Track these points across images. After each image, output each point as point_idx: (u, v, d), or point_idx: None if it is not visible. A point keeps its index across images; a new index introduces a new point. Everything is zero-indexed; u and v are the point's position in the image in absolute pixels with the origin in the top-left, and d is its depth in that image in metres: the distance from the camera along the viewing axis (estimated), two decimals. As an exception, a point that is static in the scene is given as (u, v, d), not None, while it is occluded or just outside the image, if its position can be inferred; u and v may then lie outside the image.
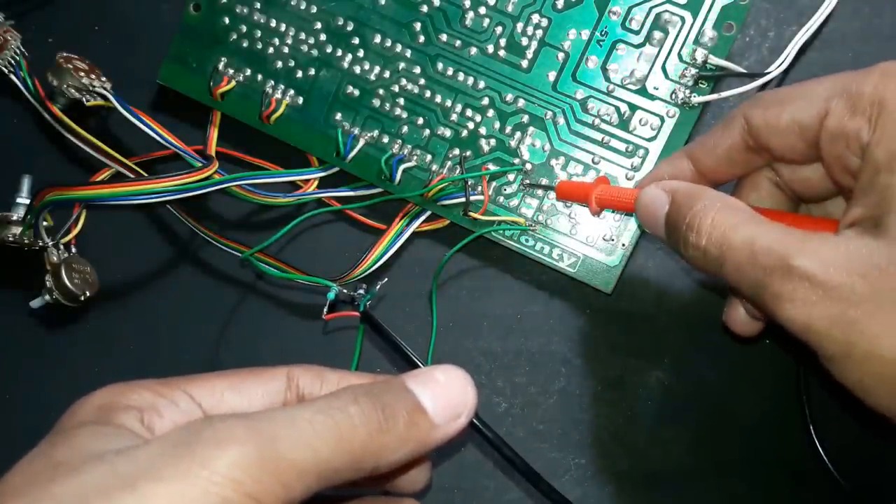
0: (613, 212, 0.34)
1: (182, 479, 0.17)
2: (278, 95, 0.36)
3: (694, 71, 0.33)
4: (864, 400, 0.23)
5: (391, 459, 0.20)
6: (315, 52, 0.36)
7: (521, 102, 0.34)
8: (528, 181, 0.34)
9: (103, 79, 0.36)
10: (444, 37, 0.35)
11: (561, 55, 0.34)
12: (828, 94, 0.25)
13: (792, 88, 0.27)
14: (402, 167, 0.35)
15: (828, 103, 0.25)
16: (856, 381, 0.23)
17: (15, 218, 0.35)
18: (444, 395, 0.21)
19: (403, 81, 0.35)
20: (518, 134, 0.34)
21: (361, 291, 0.30)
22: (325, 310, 0.31)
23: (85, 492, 0.17)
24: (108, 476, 0.17)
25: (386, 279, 0.34)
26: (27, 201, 0.36)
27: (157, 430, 0.21)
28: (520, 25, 0.34)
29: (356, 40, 0.35)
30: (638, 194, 0.29)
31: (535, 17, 0.34)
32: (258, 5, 0.36)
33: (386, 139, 0.35)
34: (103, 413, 0.21)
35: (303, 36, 0.36)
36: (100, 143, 0.35)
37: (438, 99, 0.35)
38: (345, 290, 0.31)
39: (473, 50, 0.35)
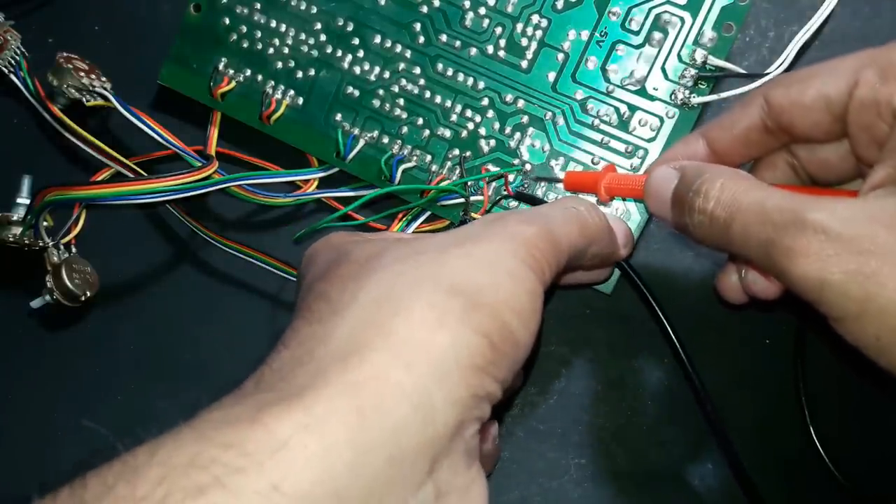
0: (623, 200, 0.34)
1: (498, 240, 0.24)
2: (278, 96, 0.36)
3: (693, 71, 0.33)
4: (878, 360, 0.22)
5: (601, 251, 0.28)
6: (315, 53, 0.36)
7: (520, 103, 0.34)
8: (536, 175, 0.34)
9: (103, 79, 0.36)
10: (443, 37, 0.35)
11: (560, 56, 0.34)
12: (856, 66, 0.25)
13: (814, 67, 0.27)
14: (401, 167, 0.35)
15: (857, 74, 0.25)
16: (871, 339, 0.22)
17: (15, 218, 0.35)
18: (618, 224, 0.31)
19: (403, 82, 0.35)
20: (518, 134, 0.34)
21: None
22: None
23: (430, 247, 0.24)
24: (445, 239, 0.24)
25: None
26: (27, 201, 0.36)
27: None
28: (519, 26, 0.34)
29: (356, 41, 0.35)
30: (648, 175, 0.29)
31: (535, 18, 0.34)
32: (258, 6, 0.36)
33: (386, 139, 0.35)
34: (349, 242, 0.26)
35: (303, 36, 0.36)
36: (100, 143, 0.35)
37: (438, 99, 0.35)
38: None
39: (473, 50, 0.35)
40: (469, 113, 0.35)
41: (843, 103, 0.25)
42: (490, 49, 0.34)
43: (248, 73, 0.36)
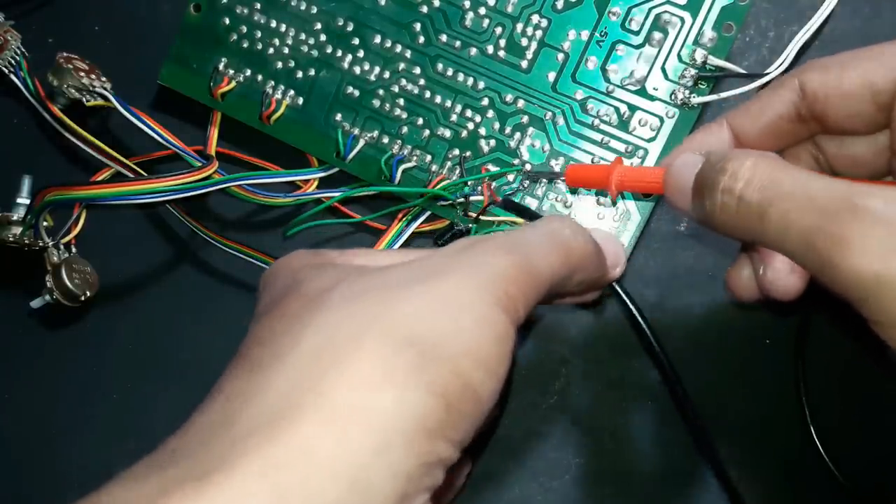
0: (623, 197, 0.33)
1: (466, 276, 0.21)
2: (278, 96, 0.36)
3: (693, 71, 0.33)
4: None
5: (587, 277, 0.25)
6: (315, 53, 0.36)
7: (520, 103, 0.34)
8: (531, 171, 0.34)
9: (103, 79, 0.36)
10: (443, 37, 0.35)
11: (560, 56, 0.34)
12: None
13: (856, 51, 0.25)
14: (401, 167, 0.35)
15: None
16: None
17: (15, 218, 0.35)
18: (608, 244, 0.27)
19: (403, 82, 0.35)
20: (518, 134, 0.34)
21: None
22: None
23: (388, 283, 0.21)
24: (406, 273, 0.21)
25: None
26: (27, 201, 0.36)
27: None
28: (519, 26, 0.34)
29: (356, 41, 0.35)
30: (670, 164, 0.26)
31: (535, 18, 0.34)
32: (258, 6, 0.36)
33: (386, 139, 0.35)
34: (308, 267, 0.23)
35: (303, 36, 0.36)
36: (100, 143, 0.35)
37: (438, 99, 0.35)
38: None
39: (473, 50, 0.35)
40: (469, 113, 0.35)
41: (890, 91, 0.24)
42: (490, 49, 0.34)
43: (248, 73, 0.36)
